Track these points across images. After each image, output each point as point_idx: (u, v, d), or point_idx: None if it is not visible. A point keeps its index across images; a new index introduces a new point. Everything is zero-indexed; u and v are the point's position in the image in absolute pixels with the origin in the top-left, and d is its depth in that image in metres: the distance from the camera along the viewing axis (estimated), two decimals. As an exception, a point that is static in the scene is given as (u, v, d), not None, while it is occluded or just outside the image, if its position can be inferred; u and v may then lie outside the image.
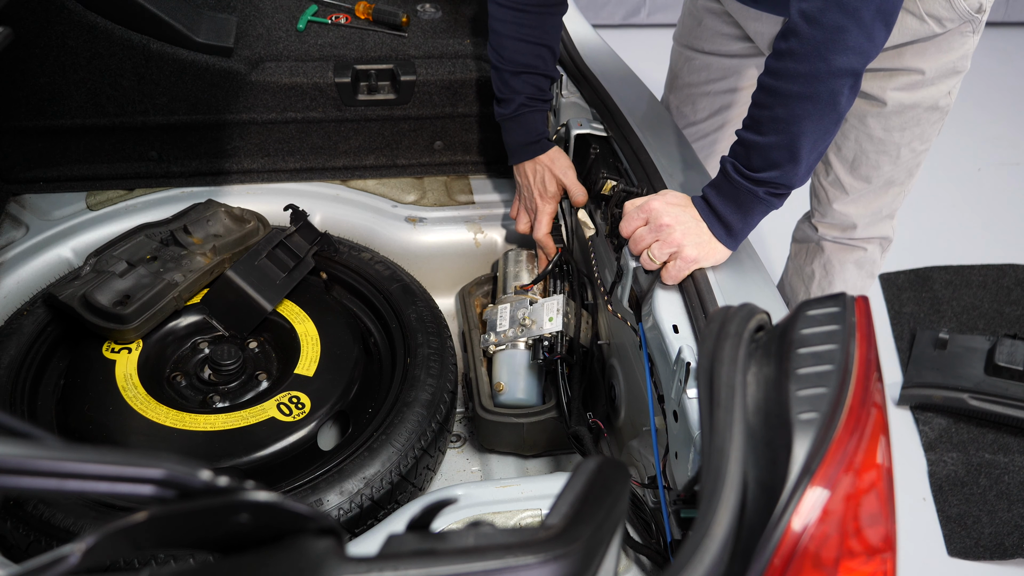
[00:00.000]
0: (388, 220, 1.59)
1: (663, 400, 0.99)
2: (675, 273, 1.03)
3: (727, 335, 0.70)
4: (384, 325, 1.39)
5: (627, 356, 1.21)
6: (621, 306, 1.16)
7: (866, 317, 0.68)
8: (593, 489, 0.52)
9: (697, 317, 0.98)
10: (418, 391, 1.21)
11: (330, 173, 1.64)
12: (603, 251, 1.31)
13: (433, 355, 1.27)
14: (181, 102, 1.49)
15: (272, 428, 1.15)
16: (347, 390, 1.23)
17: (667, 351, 0.97)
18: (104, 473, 0.40)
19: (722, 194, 1.02)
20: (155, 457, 0.41)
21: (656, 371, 1.02)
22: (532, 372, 1.33)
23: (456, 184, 1.71)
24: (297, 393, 1.20)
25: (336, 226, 1.55)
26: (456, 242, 1.60)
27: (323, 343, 1.28)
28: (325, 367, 1.25)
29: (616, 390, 1.28)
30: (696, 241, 1.02)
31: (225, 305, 1.31)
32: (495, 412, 1.29)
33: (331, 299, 1.40)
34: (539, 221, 1.41)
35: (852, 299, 0.69)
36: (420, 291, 1.42)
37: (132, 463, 0.41)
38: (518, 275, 1.48)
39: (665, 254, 1.03)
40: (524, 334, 1.32)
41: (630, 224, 1.06)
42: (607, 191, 1.28)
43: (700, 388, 0.69)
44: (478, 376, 1.34)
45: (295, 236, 1.39)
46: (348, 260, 1.45)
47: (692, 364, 0.88)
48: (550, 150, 1.38)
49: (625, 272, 1.12)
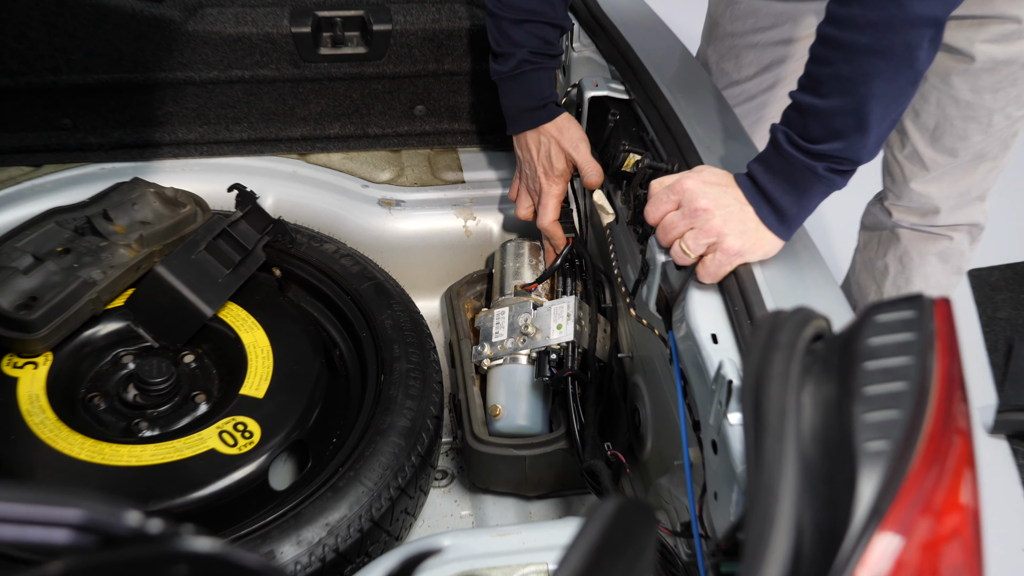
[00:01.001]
0: (357, 203, 1.59)
1: (699, 427, 1.00)
2: (714, 269, 1.03)
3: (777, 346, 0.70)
4: (352, 334, 1.40)
5: (654, 372, 1.21)
6: (647, 310, 1.17)
7: (950, 323, 0.68)
8: (612, 538, 0.53)
9: (741, 324, 0.98)
10: (394, 416, 1.22)
11: (285, 145, 1.66)
12: (624, 242, 1.32)
13: (413, 371, 1.28)
14: (101, 58, 1.50)
15: (213, 462, 1.15)
16: (306, 415, 1.23)
17: (704, 366, 0.97)
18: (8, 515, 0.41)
19: (772, 170, 1.02)
20: (72, 495, 0.42)
21: (690, 391, 1.02)
22: (536, 392, 1.33)
23: (441, 159, 1.72)
24: (244, 419, 1.21)
25: (293, 211, 1.55)
26: (442, 231, 1.60)
27: (276, 356, 1.29)
28: (278, 386, 1.25)
29: (640, 415, 1.28)
30: (740, 229, 1.02)
31: (154, 309, 1.32)
32: (490, 442, 1.29)
33: (286, 301, 1.41)
34: (544, 205, 1.42)
35: (932, 301, 0.69)
36: (397, 291, 1.42)
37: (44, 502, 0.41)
38: (519, 272, 1.49)
39: (702, 245, 1.03)
40: (526, 345, 1.33)
41: (658, 208, 1.07)
42: (629, 167, 1.28)
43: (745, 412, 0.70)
44: (469, 398, 1.35)
45: (242, 223, 1.40)
46: (307, 253, 1.46)
47: (735, 382, 0.89)
48: (558, 117, 1.39)
49: (652, 268, 1.12)
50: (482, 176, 1.68)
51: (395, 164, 1.69)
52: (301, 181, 1.61)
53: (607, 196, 1.37)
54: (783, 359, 0.69)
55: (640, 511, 0.58)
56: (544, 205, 1.41)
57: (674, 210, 1.05)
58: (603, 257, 1.50)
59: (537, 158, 1.40)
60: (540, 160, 1.40)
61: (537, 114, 1.38)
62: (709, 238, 1.02)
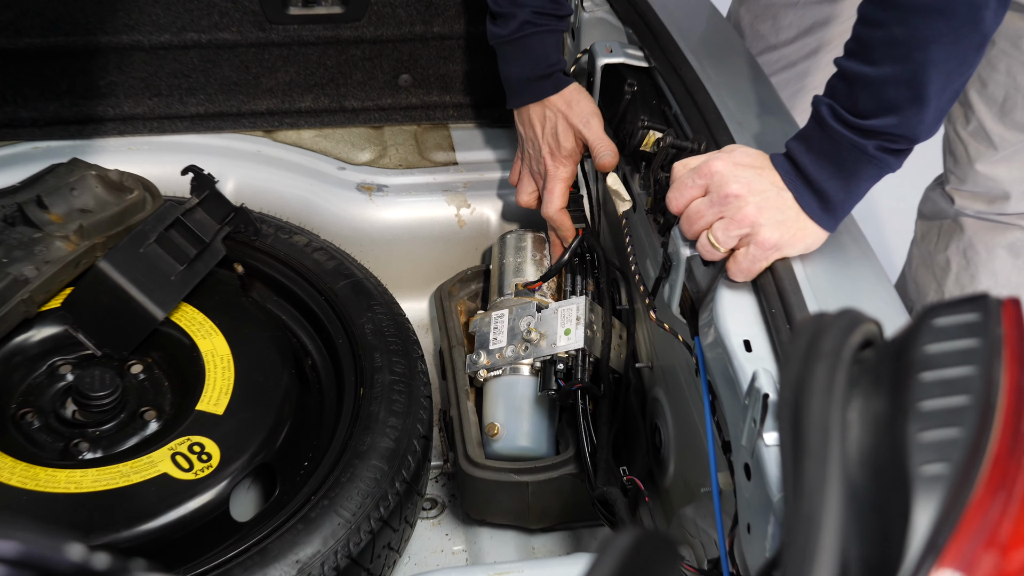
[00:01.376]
0: (332, 189, 1.60)
1: (729, 449, 1.00)
2: (747, 265, 1.04)
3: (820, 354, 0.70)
4: (327, 340, 1.40)
5: (678, 385, 1.22)
6: (669, 313, 1.17)
7: (1020, 328, 0.69)
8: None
9: (778, 328, 0.99)
10: (376, 436, 1.22)
11: (249, 121, 1.66)
12: (643, 233, 1.32)
13: (397, 384, 1.28)
14: (33, 19, 1.50)
15: (165, 489, 1.15)
16: (273, 434, 1.24)
17: (735, 378, 0.98)
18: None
19: (815, 150, 1.03)
20: (5, 526, 0.42)
21: (720, 407, 1.02)
22: (541, 409, 1.34)
23: (431, 136, 1.72)
24: (201, 439, 1.21)
25: (258, 197, 1.56)
26: (431, 220, 1.60)
27: (238, 366, 1.29)
28: (241, 401, 1.25)
29: (662, 434, 1.29)
30: (777, 218, 1.03)
31: (97, 311, 1.32)
32: (487, 466, 1.29)
33: (250, 303, 1.41)
34: (550, 191, 1.42)
35: (1000, 302, 0.69)
36: (378, 291, 1.42)
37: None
38: (520, 268, 1.49)
39: (733, 238, 1.03)
40: (529, 353, 1.33)
41: (682, 194, 1.07)
42: (648, 147, 1.29)
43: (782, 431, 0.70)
44: (462, 414, 1.35)
45: (198, 212, 1.40)
46: (275, 247, 1.46)
47: (771, 396, 0.89)
48: (566, 88, 1.39)
49: (675, 264, 1.13)
50: (478, 157, 1.68)
51: (376, 143, 1.69)
52: (267, 162, 1.61)
53: (623, 180, 1.37)
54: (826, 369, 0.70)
55: (661, 546, 0.58)
56: (550, 191, 1.42)
57: (701, 196, 1.06)
58: (618, 251, 1.50)
59: (542, 136, 1.40)
60: (545, 138, 1.40)
61: (542, 84, 1.39)
62: (741, 229, 1.02)
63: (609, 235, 1.56)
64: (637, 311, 1.41)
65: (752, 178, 1.03)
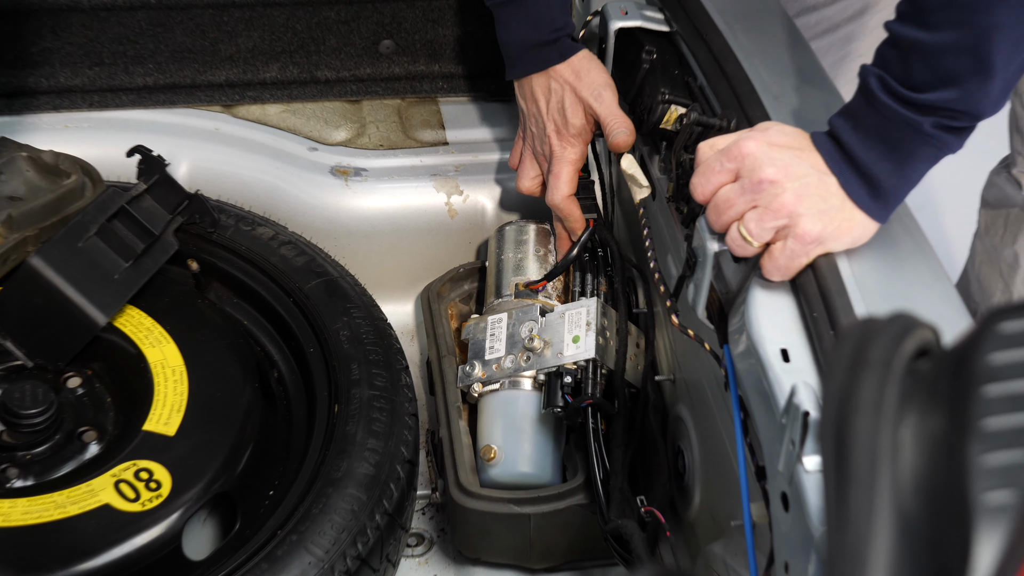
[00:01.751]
0: (302, 173, 1.60)
1: (764, 475, 1.00)
2: (785, 262, 1.04)
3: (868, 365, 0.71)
4: (296, 349, 1.40)
5: (704, 401, 1.22)
6: (694, 317, 1.17)
7: (1099, 335, 0.69)
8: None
9: (820, 335, 0.99)
10: (352, 461, 1.22)
11: (205, 93, 1.66)
12: (664, 225, 1.32)
13: (378, 399, 1.29)
14: (-47, -26, 1.51)
15: (107, 522, 1.15)
16: (232, 459, 1.24)
17: (771, 392, 0.98)
18: None
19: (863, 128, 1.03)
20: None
21: (753, 426, 1.02)
22: (545, 429, 1.34)
23: (417, 112, 1.72)
24: (149, 464, 1.21)
25: (215, 183, 1.56)
26: (417, 210, 1.61)
27: (193, 380, 1.29)
28: (196, 420, 1.25)
29: (686, 458, 1.29)
30: (820, 207, 1.03)
31: (27, 315, 1.32)
32: (482, 496, 1.30)
33: (206, 306, 1.41)
34: (556, 175, 1.42)
35: (1075, 305, 0.70)
36: (356, 291, 1.43)
37: None
38: (521, 266, 1.49)
39: (768, 230, 1.03)
40: (532, 364, 1.34)
41: (709, 180, 1.07)
42: (670, 124, 1.29)
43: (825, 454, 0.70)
44: (453, 435, 1.35)
45: (146, 200, 1.40)
46: (235, 240, 1.46)
47: (812, 414, 0.89)
48: (574, 56, 1.39)
49: (701, 260, 1.13)
50: (472, 136, 1.68)
51: (354, 119, 1.69)
52: (226, 142, 1.61)
53: (640, 163, 1.37)
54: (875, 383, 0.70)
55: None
56: (556, 175, 1.42)
57: (731, 182, 1.06)
58: (635, 245, 1.50)
59: (546, 111, 1.40)
60: (550, 114, 1.40)
61: (546, 51, 1.39)
62: (778, 220, 1.02)
63: (624, 227, 1.57)
64: (657, 315, 1.41)
65: (790, 161, 1.03)
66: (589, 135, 1.42)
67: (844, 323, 0.98)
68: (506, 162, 1.58)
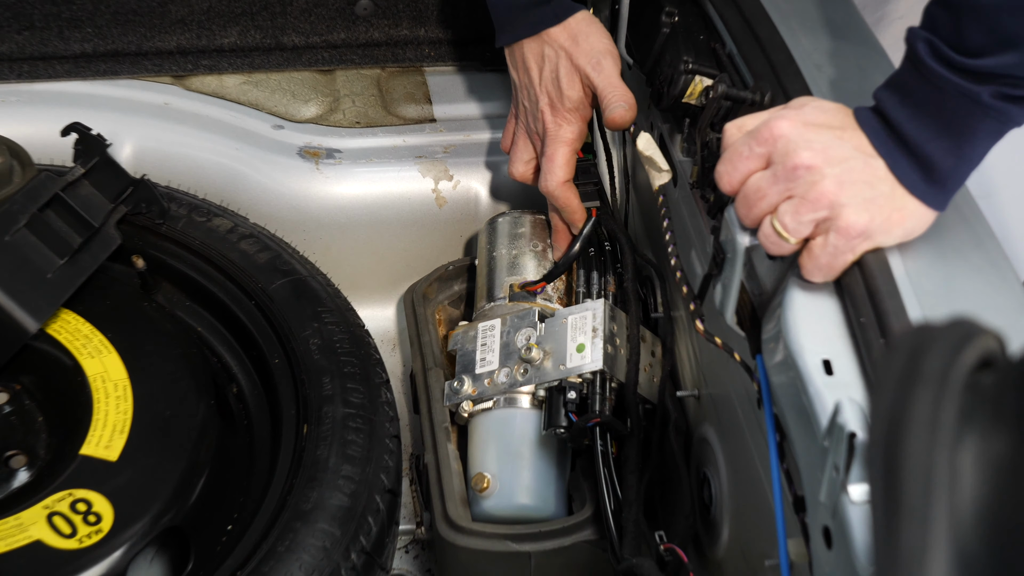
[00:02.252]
0: (266, 154, 1.61)
1: (804, 507, 1.00)
2: (827, 260, 1.04)
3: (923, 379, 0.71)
4: (258, 360, 1.40)
5: (734, 421, 1.22)
6: (722, 323, 1.18)
7: None
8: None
9: (869, 344, 0.99)
10: (323, 491, 1.22)
11: (152, 62, 1.66)
12: (687, 215, 1.32)
13: (354, 419, 1.29)
14: None
15: (39, 561, 1.15)
16: (184, 488, 1.24)
17: (811, 411, 0.98)
18: None
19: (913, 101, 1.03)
20: None
21: (790, 450, 1.03)
22: (546, 453, 1.34)
23: (399, 84, 1.72)
24: (87, 494, 1.21)
25: (165, 167, 1.56)
26: (399, 198, 1.61)
27: (138, 396, 1.29)
28: (141, 443, 1.25)
29: (712, 487, 1.29)
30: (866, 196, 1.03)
31: (-54, 321, 1.32)
32: (474, 532, 1.30)
33: (154, 310, 1.41)
34: (550, 158, 1.42)
35: None
36: (328, 293, 1.43)
37: None
38: (516, 264, 1.49)
39: (807, 223, 1.04)
40: (530, 378, 1.34)
41: (736, 166, 1.07)
42: (694, 98, 1.29)
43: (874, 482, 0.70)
44: (441, 461, 1.35)
45: (84, 186, 1.41)
46: (188, 233, 1.47)
47: (860, 436, 0.89)
48: (571, 17, 1.39)
49: (730, 256, 1.13)
50: (463, 111, 1.68)
51: (326, 92, 1.69)
52: (177, 119, 1.61)
53: (660, 143, 1.37)
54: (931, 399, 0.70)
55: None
56: (549, 157, 1.42)
57: (761, 170, 1.06)
58: (652, 239, 1.50)
59: (539, 82, 1.40)
60: (543, 85, 1.40)
61: (538, 12, 1.39)
62: (817, 212, 1.03)
63: (640, 217, 1.56)
64: (678, 320, 1.41)
65: (829, 142, 1.03)
66: (588, 110, 1.42)
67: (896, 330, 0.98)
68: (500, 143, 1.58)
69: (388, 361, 1.44)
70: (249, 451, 1.35)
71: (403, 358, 1.60)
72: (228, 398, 1.39)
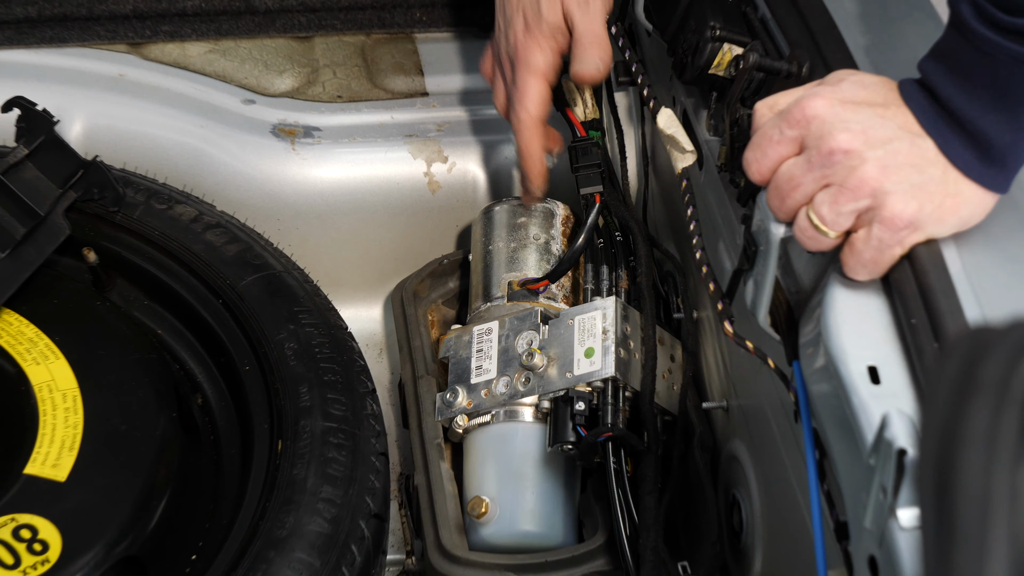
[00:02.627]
0: (235, 133, 1.60)
1: (846, 533, 1.00)
2: (871, 254, 1.04)
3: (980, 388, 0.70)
4: (226, 368, 1.40)
5: (768, 436, 1.22)
6: (754, 324, 1.17)
7: None
8: None
9: (920, 349, 0.98)
10: (300, 515, 1.22)
11: (105, 28, 1.65)
12: (714, 202, 1.32)
13: (335, 434, 1.28)
14: None
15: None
16: (142, 513, 1.24)
17: (855, 424, 0.97)
18: None
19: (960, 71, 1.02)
20: None
21: (832, 469, 1.02)
22: (552, 473, 1.34)
23: (386, 53, 1.72)
24: (32, 519, 1.21)
25: (120, 147, 1.56)
26: (387, 182, 1.61)
27: (89, 408, 1.29)
28: (93, 461, 1.25)
29: (743, 511, 1.29)
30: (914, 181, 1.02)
31: None
32: (471, 562, 1.29)
33: (108, 310, 1.41)
34: (519, 88, 1.41)
35: None
36: (307, 291, 1.43)
37: None
38: (515, 258, 1.49)
39: (847, 214, 1.03)
40: (532, 388, 1.33)
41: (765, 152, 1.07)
42: (722, 68, 1.28)
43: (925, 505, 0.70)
44: (433, 482, 1.35)
45: (27, 169, 1.40)
46: (146, 222, 1.46)
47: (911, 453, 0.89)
48: None
49: (763, 249, 1.12)
50: (459, 84, 1.68)
51: (303, 62, 1.69)
52: (134, 93, 1.61)
53: (683, 121, 1.37)
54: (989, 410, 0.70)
55: None
56: (519, 87, 1.41)
57: (795, 155, 1.06)
58: (676, 229, 1.49)
59: (517, 4, 1.41)
60: (521, 3, 1.40)
61: None
62: (858, 201, 1.02)
63: (661, 205, 1.56)
64: (703, 321, 1.40)
65: (870, 122, 1.03)
66: (564, 43, 1.41)
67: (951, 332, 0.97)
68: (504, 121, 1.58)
69: (374, 368, 1.43)
70: (216, 470, 1.35)
71: (391, 365, 1.60)
72: (192, 410, 1.38)
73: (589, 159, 1.45)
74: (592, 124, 1.48)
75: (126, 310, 1.43)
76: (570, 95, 1.51)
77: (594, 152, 1.46)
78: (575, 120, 1.49)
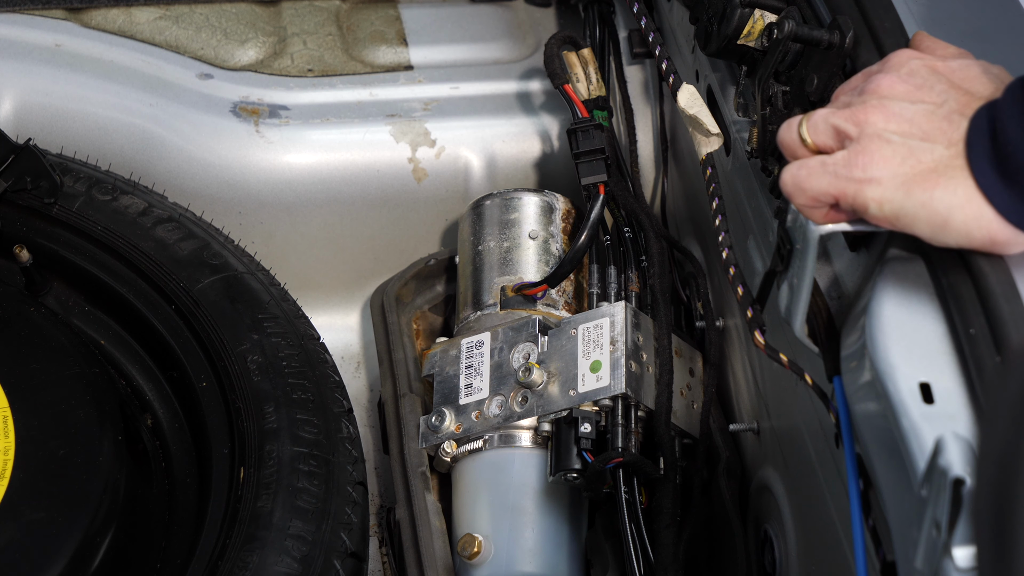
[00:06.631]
0: (190, 112, 1.61)
1: (894, 574, 1.00)
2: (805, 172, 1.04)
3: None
4: (180, 384, 1.41)
5: (805, 463, 1.22)
6: (789, 334, 1.17)
7: None
8: None
9: (980, 364, 0.98)
10: (266, 554, 1.22)
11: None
12: (743, 192, 1.33)
13: (306, 460, 1.28)
14: None
15: None
16: (84, 551, 1.24)
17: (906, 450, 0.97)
18: None
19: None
20: None
21: (878, 501, 1.02)
22: (554, 506, 1.35)
23: (364, 19, 1.72)
24: (-45, 558, 1.20)
25: (56, 128, 1.57)
26: (367, 169, 1.63)
27: (21, 430, 1.29)
28: (26, 492, 1.26)
29: (776, 549, 1.29)
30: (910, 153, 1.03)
31: None
32: (463, 607, 1.30)
33: (42, 316, 1.42)
34: None
35: None
36: (273, 295, 1.43)
37: None
38: (509, 260, 1.50)
39: (829, 127, 1.05)
40: (531, 408, 1.34)
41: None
42: (753, 38, 1.28)
43: (983, 544, 0.70)
44: (418, 516, 1.35)
45: (-50, 155, 1.41)
46: (87, 216, 1.47)
47: (968, 483, 0.89)
48: None
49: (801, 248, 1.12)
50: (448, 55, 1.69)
51: (268, 31, 1.69)
52: (73, 66, 1.61)
53: (708, 98, 1.37)
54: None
55: None
56: None
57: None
58: (698, 224, 1.50)
59: None
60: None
61: None
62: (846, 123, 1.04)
63: (681, 195, 1.56)
64: (729, 330, 1.41)
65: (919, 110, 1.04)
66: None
67: (1015, 345, 0.97)
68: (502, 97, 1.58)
69: (350, 385, 1.44)
70: (168, 502, 1.35)
71: (370, 381, 1.60)
72: (141, 432, 1.39)
73: (591, 143, 1.46)
74: (597, 103, 1.48)
75: (64, 317, 1.44)
76: (571, 68, 1.50)
77: (597, 136, 1.46)
78: (574, 97, 1.49)
